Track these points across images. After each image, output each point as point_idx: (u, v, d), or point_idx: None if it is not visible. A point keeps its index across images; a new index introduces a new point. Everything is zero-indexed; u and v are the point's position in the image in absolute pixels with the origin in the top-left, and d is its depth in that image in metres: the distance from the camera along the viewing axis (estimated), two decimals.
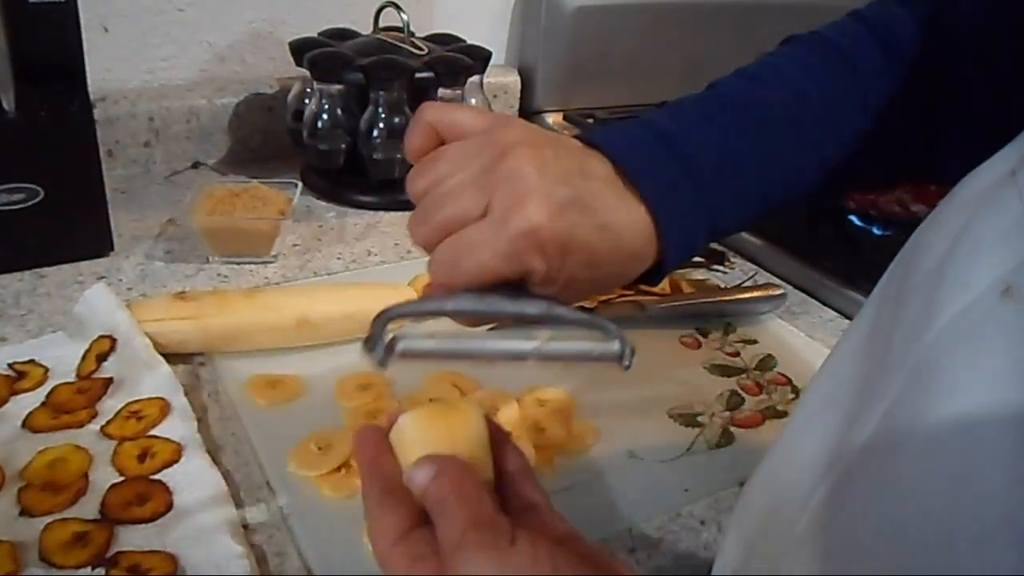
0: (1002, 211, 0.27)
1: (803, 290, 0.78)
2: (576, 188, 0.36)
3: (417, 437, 0.34)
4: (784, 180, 0.45)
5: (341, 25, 0.96)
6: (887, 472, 0.27)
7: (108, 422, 0.52)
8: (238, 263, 0.75)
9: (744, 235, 0.85)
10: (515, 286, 0.36)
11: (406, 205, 0.88)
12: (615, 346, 0.36)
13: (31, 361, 0.57)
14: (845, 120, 0.46)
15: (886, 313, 0.31)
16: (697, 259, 0.76)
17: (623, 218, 0.38)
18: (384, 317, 0.36)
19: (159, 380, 0.55)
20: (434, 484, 0.32)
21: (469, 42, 0.96)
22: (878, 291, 0.33)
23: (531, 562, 0.29)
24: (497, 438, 0.36)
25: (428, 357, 0.37)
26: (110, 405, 0.53)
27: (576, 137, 0.41)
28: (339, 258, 0.78)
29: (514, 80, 1.17)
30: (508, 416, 0.54)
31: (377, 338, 0.35)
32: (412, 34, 0.92)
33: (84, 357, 0.57)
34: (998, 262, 0.26)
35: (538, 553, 0.29)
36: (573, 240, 0.36)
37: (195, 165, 0.96)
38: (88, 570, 0.42)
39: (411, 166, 0.39)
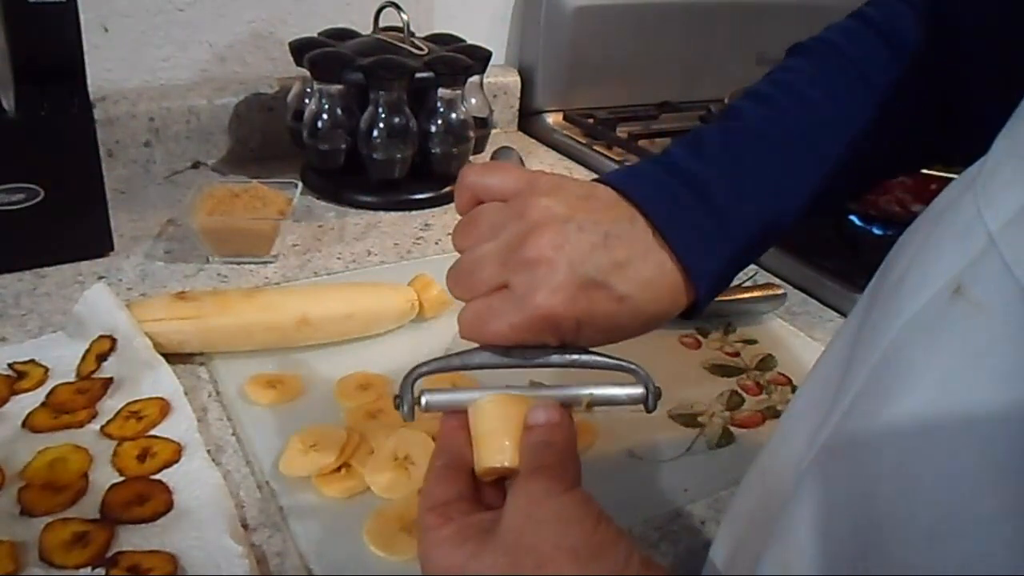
0: (959, 214, 0.28)
1: (803, 290, 0.78)
2: (596, 266, 0.38)
3: (496, 416, 0.38)
4: (803, 200, 0.47)
5: (341, 25, 0.96)
6: (846, 468, 0.28)
7: (108, 422, 0.52)
8: (238, 263, 0.75)
9: None
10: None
11: (406, 205, 0.89)
12: (639, 390, 0.40)
13: (31, 361, 0.57)
14: (856, 122, 0.47)
15: (868, 316, 0.32)
16: None
17: (649, 274, 0.40)
18: (412, 376, 0.39)
19: (159, 380, 0.55)
20: (553, 429, 0.37)
21: (469, 42, 0.96)
22: (863, 296, 0.34)
23: (579, 507, 0.34)
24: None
25: (452, 408, 0.40)
26: (110, 405, 0.53)
27: (603, 181, 0.43)
28: (339, 258, 0.78)
29: (514, 80, 1.17)
30: None
31: (405, 395, 0.39)
32: (412, 34, 0.92)
33: (84, 357, 0.57)
34: (951, 263, 0.27)
35: (590, 507, 0.34)
36: (591, 316, 0.39)
37: (195, 165, 0.96)
38: (88, 570, 0.42)
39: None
